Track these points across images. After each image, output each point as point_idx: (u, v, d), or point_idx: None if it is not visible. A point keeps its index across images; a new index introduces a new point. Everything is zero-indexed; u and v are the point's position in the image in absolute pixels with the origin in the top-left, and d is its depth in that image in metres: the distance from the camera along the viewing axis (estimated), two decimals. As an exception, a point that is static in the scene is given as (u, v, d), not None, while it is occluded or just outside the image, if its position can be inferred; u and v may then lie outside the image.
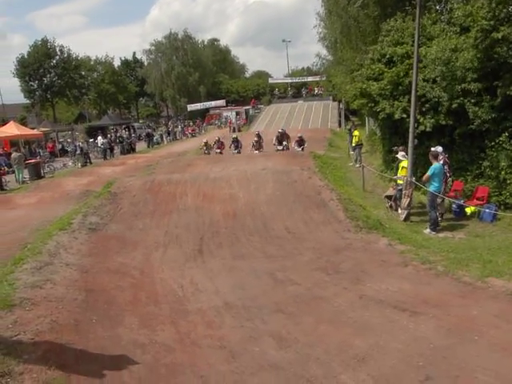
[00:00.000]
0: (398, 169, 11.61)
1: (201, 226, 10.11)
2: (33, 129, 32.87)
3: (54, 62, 52.53)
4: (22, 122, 41.26)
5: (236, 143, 20.95)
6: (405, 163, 11.10)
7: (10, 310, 5.63)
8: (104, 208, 10.90)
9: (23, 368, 4.49)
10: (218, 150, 21.07)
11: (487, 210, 10.70)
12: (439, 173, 10.05)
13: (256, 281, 7.41)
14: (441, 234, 9.83)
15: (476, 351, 5.07)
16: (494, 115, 11.39)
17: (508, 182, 11.20)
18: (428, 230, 9.81)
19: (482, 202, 11.07)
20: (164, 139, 34.95)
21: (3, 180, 17.57)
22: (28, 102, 53.44)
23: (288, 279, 7.42)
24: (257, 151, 19.53)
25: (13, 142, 26.09)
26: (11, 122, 27.24)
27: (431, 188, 10.01)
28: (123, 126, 40.25)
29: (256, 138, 20.43)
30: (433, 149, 11.01)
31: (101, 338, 5.51)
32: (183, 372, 4.91)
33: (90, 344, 5.31)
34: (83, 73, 55.77)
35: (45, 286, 6.58)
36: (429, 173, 9.98)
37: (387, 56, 14.29)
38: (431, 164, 10.15)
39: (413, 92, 10.68)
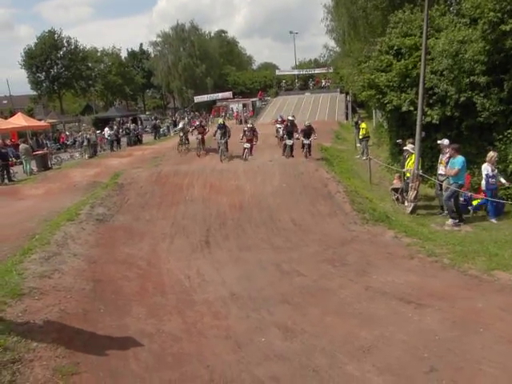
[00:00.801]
0: (405, 161, 11.54)
1: (207, 217, 10.16)
2: (40, 120, 33.02)
3: (61, 53, 52.63)
4: (30, 113, 41.45)
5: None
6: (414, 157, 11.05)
7: (20, 299, 5.72)
8: (111, 199, 10.98)
9: (33, 355, 4.58)
10: (200, 136, 18.31)
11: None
12: (465, 166, 9.99)
13: (262, 272, 7.45)
14: (447, 227, 9.79)
15: (481, 343, 5.08)
16: (502, 108, 11.29)
17: (515, 175, 11.14)
18: (451, 221, 9.69)
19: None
20: (171, 131, 34.98)
21: (11, 171, 17.70)
22: (35, 93, 53.68)
23: (294, 271, 7.46)
24: (247, 144, 15.99)
25: (20, 134, 26.25)
26: (19, 114, 27.39)
27: (457, 181, 9.84)
28: (130, 118, 40.31)
29: (246, 128, 16.76)
30: (439, 141, 10.92)
31: (109, 327, 5.59)
32: (190, 361, 4.97)
33: (98, 333, 5.40)
34: (90, 64, 55.82)
35: (53, 275, 6.68)
36: (458, 166, 9.79)
37: (395, 48, 14.17)
38: (438, 156, 10.04)
39: (420, 84, 10.59)
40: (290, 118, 16.40)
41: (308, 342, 5.28)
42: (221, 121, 17.54)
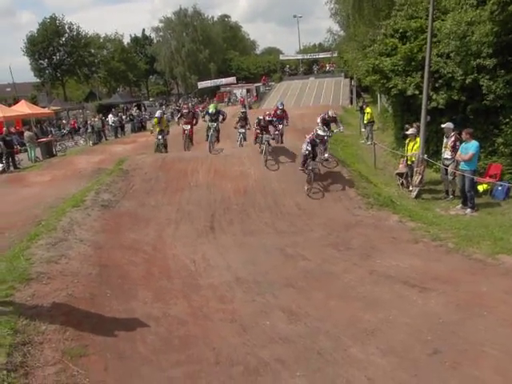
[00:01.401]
0: (407, 145, 11.48)
1: (212, 202, 10.19)
2: (43, 107, 33.02)
3: (63, 39, 52.31)
4: (33, 100, 41.39)
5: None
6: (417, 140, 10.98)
7: (28, 284, 5.80)
8: (116, 185, 11.02)
9: (42, 338, 4.66)
10: (187, 127, 14.63)
11: (500, 188, 10.57)
12: (478, 151, 9.89)
13: (267, 256, 7.51)
14: (452, 212, 9.77)
15: (484, 326, 5.11)
16: (509, 90, 11.14)
17: (522, 159, 11.06)
18: (469, 211, 9.64)
19: (494, 180, 10.93)
20: (175, 117, 34.92)
21: (16, 158, 17.78)
22: (38, 80, 53.54)
23: (298, 255, 7.50)
24: (242, 129, 14.45)
25: (25, 121, 26.28)
26: (22, 101, 27.39)
27: (471, 167, 9.75)
28: (134, 104, 40.20)
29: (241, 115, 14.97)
30: (443, 125, 10.81)
31: (116, 310, 5.67)
32: (196, 344, 5.05)
33: (105, 316, 5.48)
34: (92, 50, 55.47)
35: (60, 261, 6.75)
36: (473, 151, 9.67)
37: (400, 31, 13.95)
38: (442, 141, 9.93)
39: (426, 68, 10.46)
40: (332, 114, 13.69)
41: (312, 325, 5.35)
42: (212, 108, 13.87)
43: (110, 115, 27.48)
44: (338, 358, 4.68)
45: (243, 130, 14.59)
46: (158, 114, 16.71)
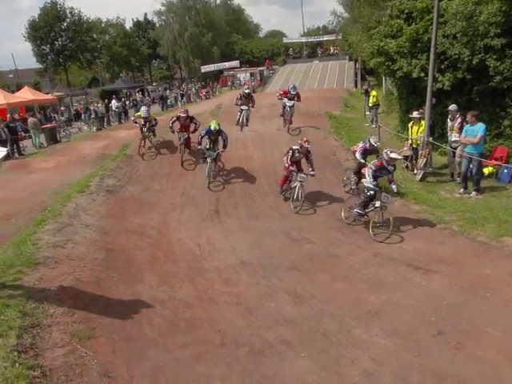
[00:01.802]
0: (411, 129, 11.36)
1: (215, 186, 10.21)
2: (47, 93, 32.92)
3: (65, 24, 51.77)
4: (36, 86, 41.24)
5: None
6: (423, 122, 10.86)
7: (35, 268, 5.89)
8: (120, 170, 11.05)
9: (51, 321, 4.75)
10: (184, 135, 11.51)
11: (505, 171, 10.46)
12: (485, 134, 9.78)
13: (271, 240, 7.54)
14: (457, 195, 9.72)
15: (488, 307, 5.15)
16: (515, 72, 10.95)
17: (528, 141, 10.93)
18: (474, 193, 9.56)
19: (500, 162, 10.82)
20: (178, 101, 34.71)
21: (21, 145, 17.79)
22: (41, 66, 53.25)
23: (303, 238, 7.53)
24: (244, 106, 13.29)
25: (28, 108, 26.21)
26: (25, 87, 27.26)
27: (479, 150, 9.63)
28: (137, 89, 39.97)
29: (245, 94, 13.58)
30: (450, 107, 10.67)
31: (122, 294, 5.75)
32: (202, 326, 5.12)
33: (112, 300, 5.56)
34: (95, 36, 54.92)
35: (66, 245, 6.83)
36: (481, 133, 9.54)
37: (406, 11, 13.65)
38: (447, 124, 9.77)
39: (432, 49, 10.27)
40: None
41: (317, 307, 5.40)
42: (214, 124, 10.23)
43: (114, 101, 27.36)
44: (342, 339, 4.73)
45: (246, 107, 13.40)
46: (143, 111, 12.65)
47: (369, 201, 7.82)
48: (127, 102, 29.10)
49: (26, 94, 25.39)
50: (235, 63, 48.35)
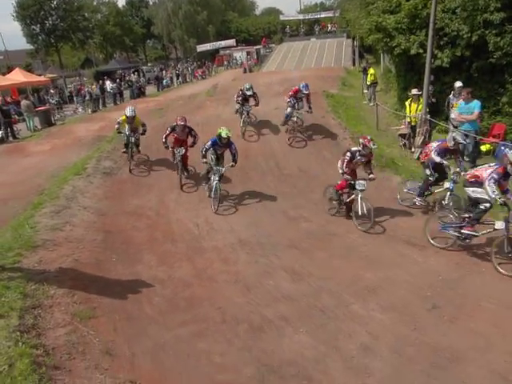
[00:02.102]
0: (410, 106, 11.28)
1: (214, 167, 10.18)
2: (39, 75, 32.39)
3: (55, 2, 50.60)
4: (28, 68, 40.48)
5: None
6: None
7: (34, 251, 5.92)
8: (117, 152, 10.97)
9: (52, 302, 4.80)
10: (180, 151, 9.37)
11: (502, 148, 10.47)
12: (481, 110, 9.73)
13: (269, 219, 7.57)
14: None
15: (482, 282, 5.26)
16: (516, 46, 10.82)
17: (525, 118, 10.89)
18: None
19: (497, 140, 10.80)
20: (174, 82, 34.30)
21: (15, 128, 17.61)
22: (32, 47, 52.27)
23: (301, 216, 7.56)
24: (247, 106, 11.69)
25: (21, 90, 25.81)
26: (17, 69, 26.72)
27: (475, 127, 9.59)
28: (132, 70, 39.41)
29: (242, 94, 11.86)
30: (456, 84, 10.55)
31: (122, 274, 5.81)
32: (201, 304, 5.19)
33: (111, 280, 5.62)
34: (86, 14, 53.78)
35: (64, 228, 6.85)
36: (478, 109, 9.48)
37: (405, -15, 13.40)
38: (445, 101, 9.68)
39: (431, 25, 10.09)
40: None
41: (315, 284, 5.47)
42: (225, 131, 8.24)
43: (108, 82, 27.00)
44: (339, 315, 4.82)
45: (249, 108, 11.69)
46: (128, 111, 10.37)
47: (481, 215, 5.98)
48: (122, 83, 28.70)
49: (18, 76, 24.94)
50: (231, 42, 47.58)
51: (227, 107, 14.35)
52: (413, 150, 10.91)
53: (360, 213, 7.04)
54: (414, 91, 11.09)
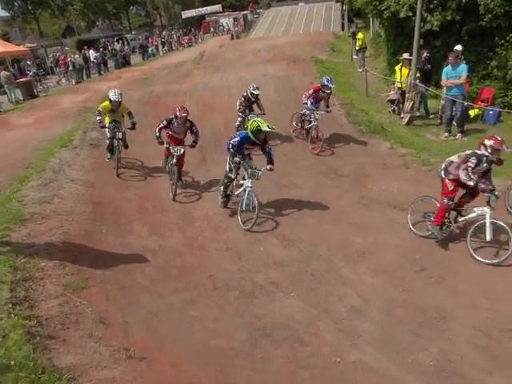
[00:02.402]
0: (400, 71, 11.13)
1: (202, 135, 9.90)
2: (18, 45, 31.22)
3: (30, -35, 48.26)
4: (5, 37, 38.92)
5: None
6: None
7: (23, 224, 5.85)
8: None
9: (43, 274, 4.79)
10: (178, 149, 7.40)
11: (491, 112, 10.44)
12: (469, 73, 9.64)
13: (260, 187, 7.50)
14: (442, 137, 9.74)
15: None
16: (507, 8, 10.62)
17: (515, 82, 10.84)
18: (459, 135, 9.53)
19: (486, 104, 10.78)
20: (159, 50, 33.38)
21: (-4, 101, 17.13)
22: (8, 14, 50.06)
23: (291, 184, 7.54)
24: (253, 116, 8.80)
25: (-1, 61, 24.94)
26: (-7, 38, 25.78)
27: (463, 91, 9.52)
28: (115, 38, 38.16)
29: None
30: (456, 48, 10.40)
31: (112, 245, 5.80)
32: (193, 272, 5.23)
33: (102, 251, 5.61)
34: (64, -21, 51.54)
35: (52, 201, 6.76)
36: (466, 73, 9.37)
37: None
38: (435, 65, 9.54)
39: (420, -14, 9.86)
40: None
41: (306, 249, 5.52)
42: (265, 126, 6.30)
43: (91, 51, 26.18)
44: (330, 279, 4.90)
45: (255, 117, 8.00)
46: (113, 94, 8.24)
47: None
48: (106, 53, 27.85)
49: (-5, 46, 23.99)
50: (217, 7, 46.16)
51: (215, 75, 14.09)
52: (402, 115, 10.85)
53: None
54: (406, 55, 10.92)
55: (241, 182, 6.63)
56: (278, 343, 4.02)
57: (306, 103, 9.08)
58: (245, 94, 9.43)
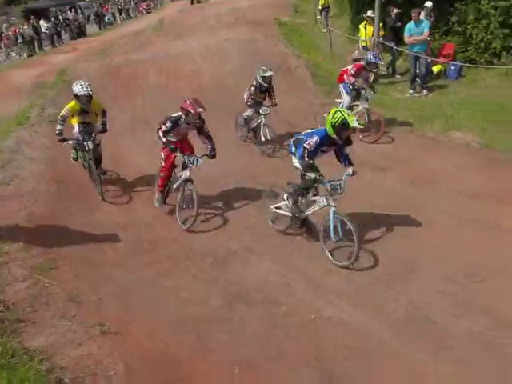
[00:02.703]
0: (365, 30, 11.02)
1: (167, 104, 9.65)
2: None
3: None
4: None
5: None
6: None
7: (-18, 209, 5.60)
8: (61, 98, 10.17)
9: (8, 258, 4.63)
10: (194, 158, 5.66)
11: (452, 68, 10.58)
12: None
13: (233, 156, 7.33)
14: (407, 94, 9.83)
15: (434, 197, 5.57)
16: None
17: (474, 36, 10.90)
18: (425, 92, 9.59)
19: (448, 60, 10.87)
20: (117, 18, 31.77)
21: None
22: None
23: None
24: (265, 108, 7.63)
25: None
26: None
27: (425, 48, 9.59)
28: (67, 7, 35.99)
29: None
30: (426, 4, 10.31)
31: (80, 224, 5.59)
32: (165, 244, 5.19)
33: (70, 230, 5.42)
34: None
35: (12, 182, 6.47)
36: (428, 28, 9.41)
37: None
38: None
39: None
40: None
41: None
42: (353, 120, 4.60)
43: (42, 21, 24.63)
44: (304, 241, 4.98)
45: (266, 110, 7.58)
46: (79, 88, 6.23)
47: None
48: (58, 23, 26.26)
49: None
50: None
51: (176, 42, 13.60)
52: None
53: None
54: (369, 13, 10.81)
55: (312, 198, 5.05)
56: (253, 306, 4.08)
57: (349, 86, 7.71)
58: (254, 82, 7.68)
